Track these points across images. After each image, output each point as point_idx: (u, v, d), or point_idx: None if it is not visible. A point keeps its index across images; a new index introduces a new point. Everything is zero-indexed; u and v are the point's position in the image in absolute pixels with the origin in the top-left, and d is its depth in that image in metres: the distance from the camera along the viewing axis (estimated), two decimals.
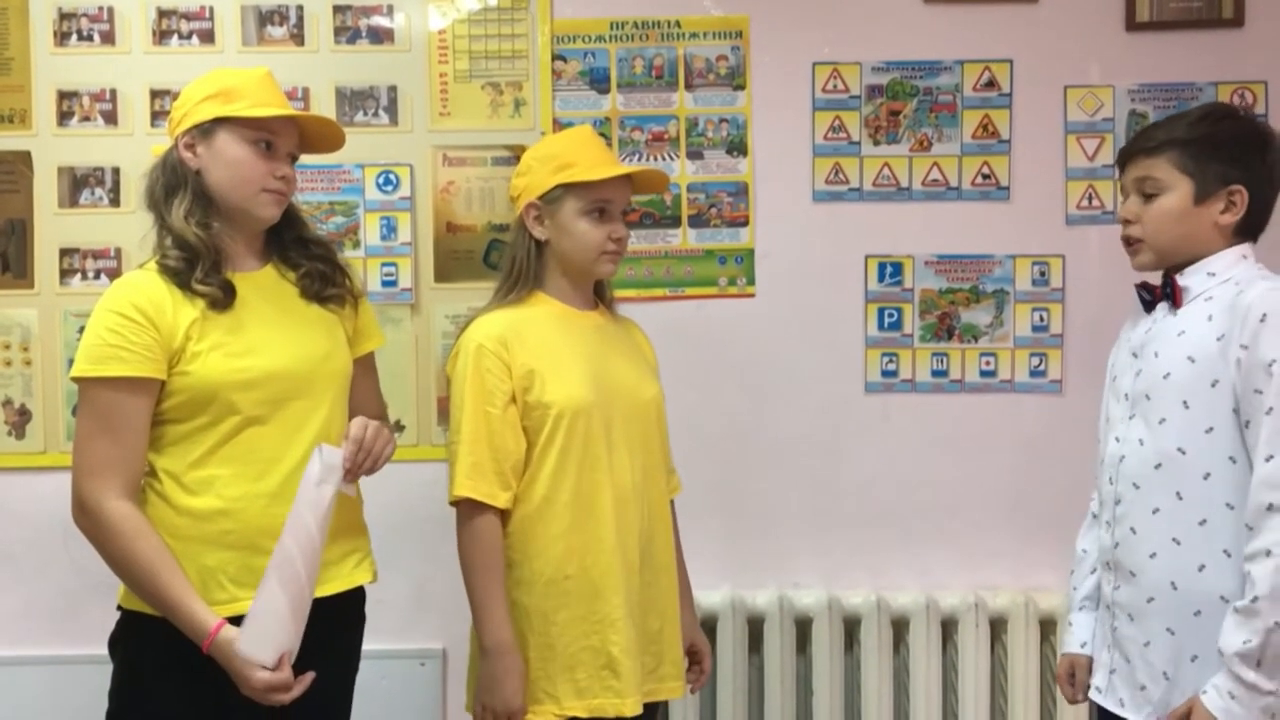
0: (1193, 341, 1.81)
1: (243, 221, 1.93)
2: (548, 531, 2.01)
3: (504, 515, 2.02)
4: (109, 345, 1.81)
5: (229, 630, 1.77)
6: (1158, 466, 1.82)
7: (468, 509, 2.00)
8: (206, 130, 1.90)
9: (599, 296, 2.19)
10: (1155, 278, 1.94)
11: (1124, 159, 1.93)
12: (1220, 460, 1.77)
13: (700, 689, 2.30)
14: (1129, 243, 1.91)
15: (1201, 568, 1.78)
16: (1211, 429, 1.78)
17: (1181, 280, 1.87)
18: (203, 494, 1.84)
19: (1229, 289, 1.81)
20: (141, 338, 1.81)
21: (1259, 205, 1.86)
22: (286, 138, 1.95)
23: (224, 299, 1.87)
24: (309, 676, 1.80)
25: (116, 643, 1.92)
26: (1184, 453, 1.80)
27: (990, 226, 2.78)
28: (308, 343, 1.94)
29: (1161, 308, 1.90)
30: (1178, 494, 1.80)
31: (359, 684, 2.06)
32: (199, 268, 1.85)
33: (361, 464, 1.87)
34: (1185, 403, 1.80)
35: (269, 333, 1.91)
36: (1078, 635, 2.04)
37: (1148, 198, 1.87)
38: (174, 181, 1.90)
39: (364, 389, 2.08)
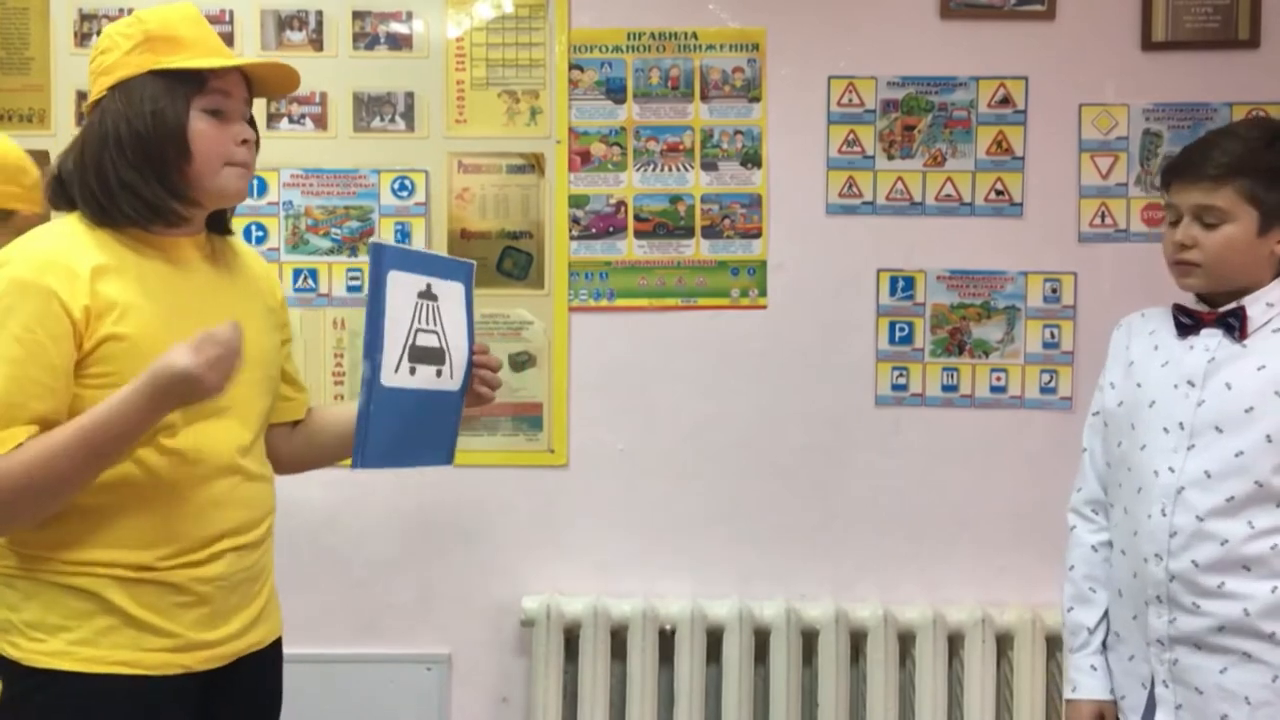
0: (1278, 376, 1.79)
1: None
2: None
3: None
4: None
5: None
6: (1230, 499, 1.78)
7: None
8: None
9: None
10: (1189, 299, 1.90)
11: (1175, 179, 1.85)
12: None
13: None
14: (1180, 263, 1.85)
15: (1275, 589, 1.77)
16: None
17: (1250, 310, 1.82)
18: None
19: None
20: None
21: None
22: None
23: None
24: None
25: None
26: (1261, 486, 1.77)
27: (1003, 243, 2.79)
28: None
29: (1211, 335, 1.85)
30: (1250, 524, 1.77)
31: (366, 688, 2.04)
32: None
33: None
34: (1269, 437, 1.77)
35: None
36: (1104, 681, 1.97)
37: (1207, 225, 1.81)
38: None
39: None
